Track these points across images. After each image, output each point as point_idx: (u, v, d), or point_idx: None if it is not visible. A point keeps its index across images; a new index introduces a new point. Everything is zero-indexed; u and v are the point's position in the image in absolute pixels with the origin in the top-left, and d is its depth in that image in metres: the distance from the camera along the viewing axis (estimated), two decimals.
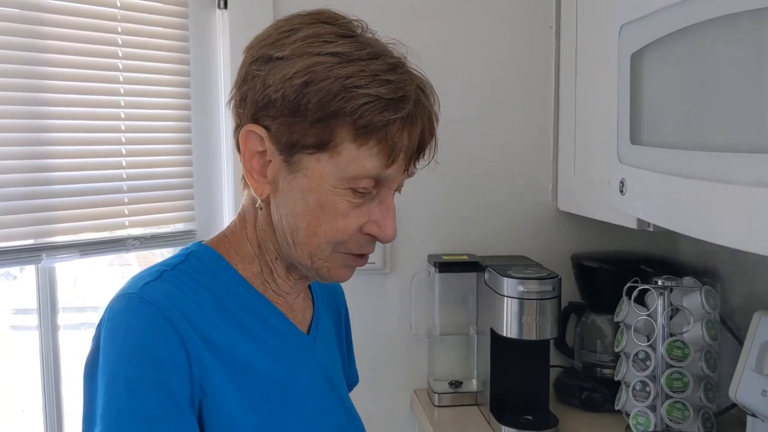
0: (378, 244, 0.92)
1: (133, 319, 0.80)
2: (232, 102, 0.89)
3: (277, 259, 0.92)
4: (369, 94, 0.81)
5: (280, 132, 0.84)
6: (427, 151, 0.89)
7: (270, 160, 0.86)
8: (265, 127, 0.85)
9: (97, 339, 0.82)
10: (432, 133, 0.88)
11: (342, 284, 1.16)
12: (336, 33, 0.84)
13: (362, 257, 0.91)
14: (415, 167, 0.88)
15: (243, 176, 0.90)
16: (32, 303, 1.55)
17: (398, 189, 0.90)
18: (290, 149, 0.84)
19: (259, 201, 0.88)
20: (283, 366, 0.91)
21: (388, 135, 0.82)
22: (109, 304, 0.83)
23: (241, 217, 0.94)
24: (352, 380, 1.19)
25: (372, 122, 0.81)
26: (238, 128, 0.88)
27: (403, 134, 0.83)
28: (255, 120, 0.85)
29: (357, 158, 0.82)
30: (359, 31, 0.87)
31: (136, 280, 0.85)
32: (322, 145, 0.82)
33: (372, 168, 0.83)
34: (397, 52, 0.87)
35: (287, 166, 0.85)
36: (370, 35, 0.87)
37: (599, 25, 1.55)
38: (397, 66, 0.85)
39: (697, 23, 0.88)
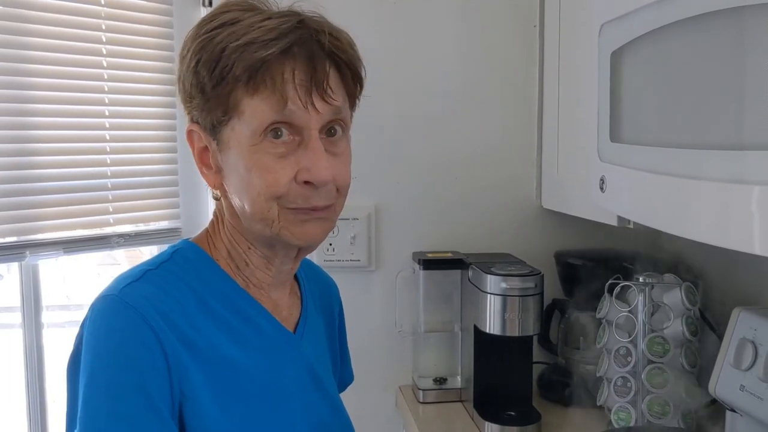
0: (361, 243, 0.92)
1: (112, 321, 0.81)
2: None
3: (250, 248, 0.92)
4: (241, 44, 0.82)
5: (202, 118, 0.87)
6: (329, 83, 0.85)
7: (210, 151, 0.89)
8: (197, 122, 0.88)
9: (79, 339, 0.82)
10: (338, 64, 0.87)
11: None
12: (222, 11, 0.87)
13: (315, 209, 0.87)
14: (327, 102, 0.85)
15: None
16: (16, 301, 1.54)
17: (331, 132, 0.88)
18: (214, 130, 0.86)
19: (214, 192, 0.91)
20: (266, 364, 0.91)
21: (268, 73, 0.82)
22: (91, 305, 0.83)
23: (215, 215, 0.95)
24: (346, 379, 1.18)
25: (250, 66, 0.82)
26: None
27: (285, 69, 0.83)
28: (191, 120, 0.89)
29: (256, 108, 0.83)
30: (260, 5, 0.88)
31: (119, 280, 0.85)
32: (228, 111, 0.84)
33: (271, 111, 0.83)
34: (293, 7, 0.87)
35: (219, 148, 0.87)
36: (274, 7, 0.88)
37: (581, 23, 1.56)
38: (277, 14, 0.86)
39: (675, 22, 0.89)
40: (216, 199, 0.92)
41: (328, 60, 0.85)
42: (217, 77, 0.83)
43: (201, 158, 0.90)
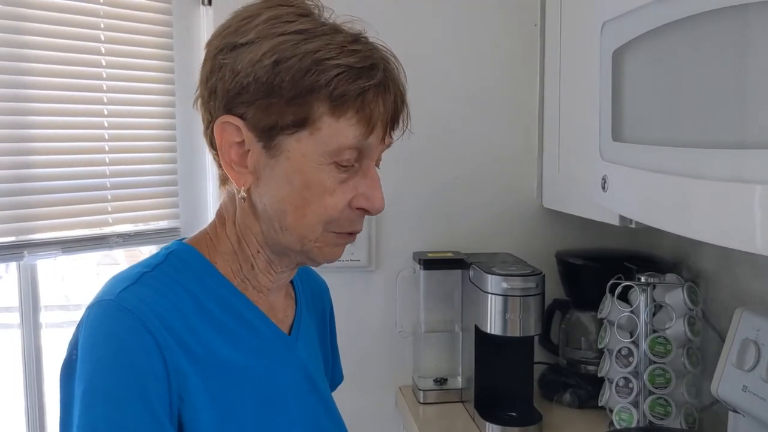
0: (362, 243, 0.92)
1: (110, 327, 0.79)
2: (199, 100, 0.89)
3: (258, 252, 0.91)
4: (340, 65, 0.81)
5: (257, 117, 0.83)
6: (400, 120, 0.88)
7: (249, 149, 0.85)
8: (240, 116, 0.84)
9: (74, 345, 0.81)
10: (403, 101, 0.88)
11: (327, 281, 1.15)
12: (295, 13, 0.85)
13: (352, 234, 0.90)
14: (391, 137, 0.88)
15: (219, 173, 0.90)
16: (14, 301, 1.54)
17: (377, 162, 0.90)
18: (269, 133, 0.83)
19: (242, 192, 0.87)
20: (263, 366, 0.90)
21: (365, 103, 0.82)
22: (86, 310, 0.82)
23: (220, 215, 0.93)
24: (336, 379, 1.18)
25: (347, 92, 0.81)
26: (209, 124, 0.87)
27: (378, 101, 0.83)
28: (228, 110, 0.84)
29: (337, 130, 0.82)
30: (317, 11, 0.87)
31: (114, 284, 0.84)
32: (301, 123, 0.82)
33: (353, 138, 0.83)
34: (355, 29, 0.87)
35: (267, 152, 0.84)
36: (327, 14, 0.88)
37: (582, 22, 1.56)
38: (360, 37, 0.85)
39: (677, 20, 0.89)
40: (243, 200, 0.88)
41: (399, 94, 0.87)
42: (304, 87, 0.81)
43: (231, 154, 0.86)
